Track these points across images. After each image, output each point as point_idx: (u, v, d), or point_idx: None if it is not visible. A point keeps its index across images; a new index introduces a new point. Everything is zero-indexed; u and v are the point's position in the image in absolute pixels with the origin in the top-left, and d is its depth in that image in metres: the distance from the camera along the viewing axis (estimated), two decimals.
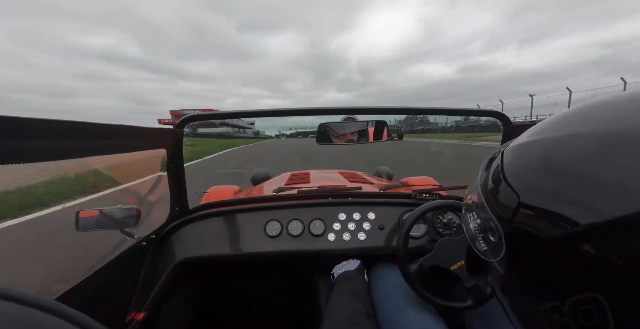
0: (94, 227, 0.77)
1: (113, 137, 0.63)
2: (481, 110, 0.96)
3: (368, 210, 0.99)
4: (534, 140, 0.35)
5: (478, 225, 0.39)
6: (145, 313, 0.78)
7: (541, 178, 0.30)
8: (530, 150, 0.34)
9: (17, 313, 0.15)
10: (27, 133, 0.42)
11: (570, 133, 0.31)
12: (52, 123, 0.45)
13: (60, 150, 0.50)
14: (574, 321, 0.25)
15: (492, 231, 0.35)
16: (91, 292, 0.66)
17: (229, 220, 0.98)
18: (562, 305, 0.26)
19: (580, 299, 0.25)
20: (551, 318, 0.28)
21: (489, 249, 0.37)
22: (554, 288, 0.28)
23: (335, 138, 1.14)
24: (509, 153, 0.37)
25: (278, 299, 1.35)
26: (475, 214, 0.40)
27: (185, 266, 0.86)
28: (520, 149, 0.36)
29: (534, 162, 0.32)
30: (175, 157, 0.89)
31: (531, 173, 0.32)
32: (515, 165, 0.35)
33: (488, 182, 0.38)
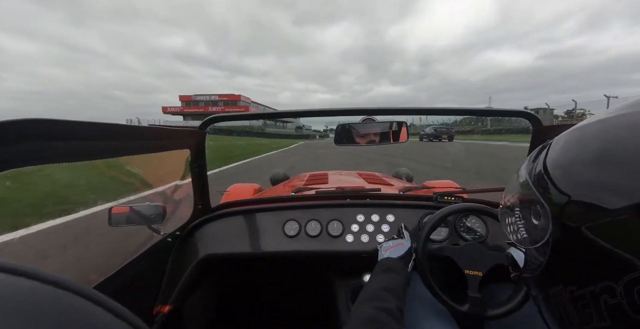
0: (124, 222, 0.82)
1: (140, 138, 0.66)
2: (509, 111, 0.92)
3: (387, 212, 0.98)
4: (604, 118, 0.33)
5: (519, 212, 0.39)
6: (170, 306, 0.82)
7: (608, 159, 0.29)
8: (602, 129, 0.32)
9: (57, 296, 0.16)
10: (61, 135, 0.45)
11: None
12: (83, 125, 0.48)
13: (90, 151, 0.53)
14: (629, 301, 0.24)
15: (536, 215, 0.35)
16: (120, 285, 0.70)
17: (249, 218, 1.00)
18: (616, 285, 0.25)
19: (639, 277, 0.23)
20: (599, 301, 0.27)
21: (529, 236, 0.37)
22: (606, 268, 0.27)
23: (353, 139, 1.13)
24: (572, 132, 0.36)
25: (295, 298, 1.36)
26: (518, 201, 0.40)
27: (207, 262, 0.90)
28: (590, 127, 0.34)
29: (602, 142, 0.31)
30: (199, 157, 0.93)
31: (596, 153, 0.30)
32: (576, 144, 0.34)
33: (539, 164, 0.37)
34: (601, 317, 0.27)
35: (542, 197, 0.34)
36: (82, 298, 0.17)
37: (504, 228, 0.45)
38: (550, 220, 0.32)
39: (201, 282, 1.01)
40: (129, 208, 0.83)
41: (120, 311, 0.19)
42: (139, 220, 0.83)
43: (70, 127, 0.45)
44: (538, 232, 0.35)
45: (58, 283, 0.17)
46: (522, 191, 0.39)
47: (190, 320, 0.96)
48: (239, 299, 1.35)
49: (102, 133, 0.53)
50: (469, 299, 0.66)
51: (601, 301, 0.27)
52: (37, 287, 0.16)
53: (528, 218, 0.37)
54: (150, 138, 0.70)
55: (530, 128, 0.87)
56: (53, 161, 0.45)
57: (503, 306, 0.64)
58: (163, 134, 0.73)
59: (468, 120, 39.50)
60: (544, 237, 0.33)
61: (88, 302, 0.17)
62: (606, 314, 0.26)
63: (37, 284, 0.16)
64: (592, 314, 0.28)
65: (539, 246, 0.34)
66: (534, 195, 0.36)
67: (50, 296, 0.16)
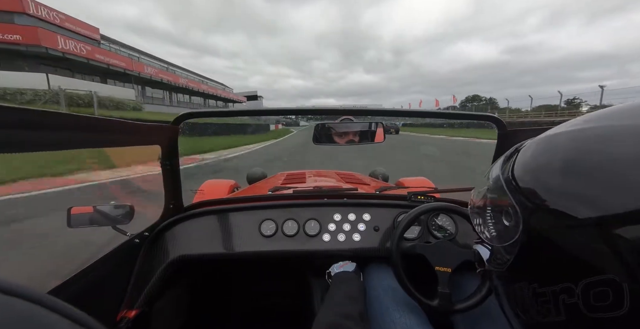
0: (87, 223, 0.77)
1: (108, 131, 0.63)
2: (476, 114, 0.97)
3: (363, 211, 0.99)
4: (574, 129, 0.35)
5: (490, 211, 0.41)
6: (137, 310, 0.78)
7: (575, 167, 0.31)
8: (571, 137, 0.34)
9: (6, 303, 0.15)
10: (28, 124, 0.43)
11: (614, 125, 0.31)
12: (49, 115, 0.45)
13: (56, 141, 0.51)
14: (584, 301, 0.27)
15: (507, 216, 0.37)
16: (82, 289, 0.65)
17: (224, 218, 0.98)
18: (575, 286, 0.27)
19: (596, 281, 0.26)
20: (558, 300, 0.29)
21: (498, 235, 0.39)
22: (568, 270, 0.29)
23: (332, 138, 1.14)
24: (544, 139, 0.38)
25: (272, 299, 1.35)
26: (490, 201, 0.42)
27: (178, 264, 0.86)
28: (561, 136, 0.36)
29: (571, 149, 0.32)
30: (170, 153, 0.89)
31: (564, 160, 0.32)
32: (550, 151, 0.35)
33: (511, 167, 0.39)
34: (558, 313, 0.30)
35: (514, 200, 0.36)
36: (35, 304, 0.16)
37: (474, 225, 0.46)
38: (521, 223, 0.34)
39: (171, 285, 0.97)
40: (92, 208, 0.78)
41: (79, 318, 0.17)
42: (103, 220, 0.78)
43: (22, 114, 0.41)
44: (508, 232, 0.36)
45: (5, 289, 0.15)
46: (495, 193, 0.40)
47: (159, 324, 0.91)
48: (212, 301, 1.31)
49: (64, 124, 0.50)
50: (439, 294, 0.69)
51: (560, 299, 0.29)
52: None
53: (499, 218, 0.39)
54: (118, 132, 0.66)
55: (496, 132, 0.93)
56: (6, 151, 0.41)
57: (469, 300, 0.68)
58: (132, 128, 0.69)
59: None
60: (512, 237, 0.35)
61: (42, 308, 0.16)
62: (563, 311, 0.29)
63: None
64: (550, 309, 0.30)
65: (507, 245, 0.36)
66: (506, 197, 0.37)
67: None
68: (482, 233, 0.43)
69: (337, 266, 0.88)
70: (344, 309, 0.65)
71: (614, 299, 0.25)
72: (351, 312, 0.64)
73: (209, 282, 1.30)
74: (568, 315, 0.29)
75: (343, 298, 0.70)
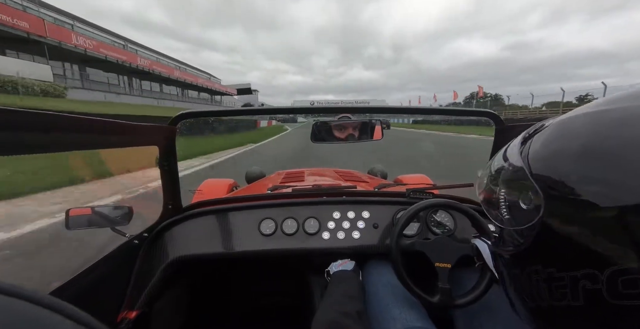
0: (85, 225, 0.76)
1: (105, 132, 0.62)
2: (474, 110, 0.97)
3: (362, 208, 1.00)
4: (602, 109, 0.33)
5: (504, 194, 0.39)
6: (137, 311, 0.78)
7: (608, 148, 0.29)
8: (605, 116, 0.32)
9: (8, 305, 0.15)
10: (22, 126, 0.42)
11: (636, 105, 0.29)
12: (43, 116, 0.45)
13: (53, 143, 0.50)
14: (609, 288, 0.26)
15: (525, 199, 0.35)
16: (82, 290, 0.65)
17: (223, 218, 0.98)
18: (601, 273, 0.27)
19: (627, 269, 0.25)
20: (578, 285, 0.29)
21: (512, 217, 0.38)
22: (594, 256, 0.28)
23: (329, 136, 1.14)
24: (571, 119, 0.36)
25: (271, 298, 1.35)
26: (504, 183, 0.40)
27: (178, 264, 0.86)
28: (591, 115, 0.34)
29: (601, 130, 0.31)
30: (168, 154, 0.88)
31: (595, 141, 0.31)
32: (578, 132, 0.33)
33: (531, 148, 0.38)
34: (575, 298, 0.29)
35: (536, 184, 0.34)
36: (36, 305, 0.16)
37: (485, 207, 0.45)
38: (542, 207, 0.33)
39: (171, 285, 0.97)
40: (91, 209, 0.78)
41: (81, 318, 0.17)
42: (102, 222, 0.78)
43: (16, 116, 0.41)
44: (524, 216, 0.35)
45: (6, 290, 0.15)
46: (514, 175, 0.39)
47: (159, 325, 0.91)
48: (212, 301, 1.31)
49: (59, 125, 0.49)
50: (439, 290, 0.70)
51: (580, 284, 0.29)
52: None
53: (516, 201, 0.37)
54: (114, 133, 0.66)
55: (494, 127, 0.93)
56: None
57: (469, 295, 0.68)
58: (129, 129, 0.69)
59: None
60: (530, 221, 0.34)
61: (43, 309, 0.16)
62: (582, 296, 0.29)
63: None
64: (566, 294, 0.30)
65: (524, 229, 0.35)
66: (528, 181, 0.36)
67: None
68: (494, 215, 0.42)
69: (336, 265, 0.88)
70: (342, 308, 0.65)
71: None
72: (350, 310, 0.65)
73: (208, 282, 1.30)
74: (587, 301, 0.28)
75: (342, 296, 0.71)
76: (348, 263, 0.88)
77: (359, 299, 0.73)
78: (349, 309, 0.65)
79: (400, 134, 20.43)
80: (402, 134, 20.50)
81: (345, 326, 0.60)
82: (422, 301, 0.71)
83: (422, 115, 41.94)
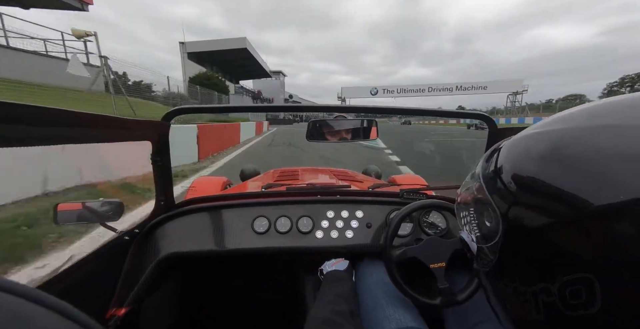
0: (74, 220, 0.75)
1: (97, 126, 0.61)
2: (467, 112, 0.98)
3: (356, 208, 1.00)
4: (548, 130, 0.35)
5: (474, 212, 0.41)
6: (126, 308, 0.77)
7: (548, 166, 0.31)
8: (544, 138, 0.35)
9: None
10: (11, 119, 0.42)
11: (593, 125, 0.31)
12: (35, 109, 0.44)
13: (43, 137, 0.50)
14: (561, 300, 0.28)
15: (488, 217, 0.37)
16: (70, 286, 0.64)
17: (216, 215, 0.97)
18: (552, 285, 0.28)
19: (571, 280, 0.27)
20: (537, 299, 0.30)
21: (482, 235, 0.39)
22: (545, 270, 0.30)
23: (325, 136, 1.14)
24: (519, 139, 0.39)
25: (264, 296, 1.35)
26: (472, 201, 0.42)
27: (169, 261, 0.85)
28: (534, 137, 0.37)
29: (544, 149, 0.33)
30: (161, 149, 0.87)
31: (537, 160, 0.33)
32: (524, 151, 0.36)
33: (490, 168, 0.40)
34: (538, 312, 0.30)
35: (492, 200, 0.36)
36: (20, 297, 0.15)
37: (459, 223, 0.47)
38: (500, 223, 0.35)
39: (162, 282, 0.96)
40: (81, 204, 0.76)
41: (67, 311, 0.17)
42: (92, 217, 0.77)
43: (5, 108, 0.40)
44: (490, 233, 0.37)
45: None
46: (476, 192, 0.41)
47: (149, 323, 0.90)
48: (205, 298, 1.30)
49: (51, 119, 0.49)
50: (440, 291, 0.69)
51: (539, 298, 0.30)
52: None
53: (481, 218, 0.39)
54: (107, 127, 0.64)
55: (487, 130, 0.94)
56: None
57: (467, 290, 0.68)
58: (121, 124, 0.68)
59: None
60: (494, 238, 0.36)
61: (27, 302, 0.15)
62: (542, 310, 0.30)
63: None
64: (530, 308, 0.31)
65: (490, 246, 0.37)
66: (486, 197, 0.38)
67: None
68: (468, 232, 0.43)
69: (330, 264, 0.88)
70: (336, 307, 0.66)
71: (587, 297, 0.26)
72: (343, 310, 0.65)
73: (200, 279, 1.29)
74: (547, 314, 0.30)
75: (335, 296, 0.71)
76: (342, 262, 0.88)
77: (352, 299, 0.74)
78: (342, 308, 0.66)
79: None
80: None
81: (339, 324, 0.60)
82: (425, 306, 0.71)
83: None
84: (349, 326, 0.61)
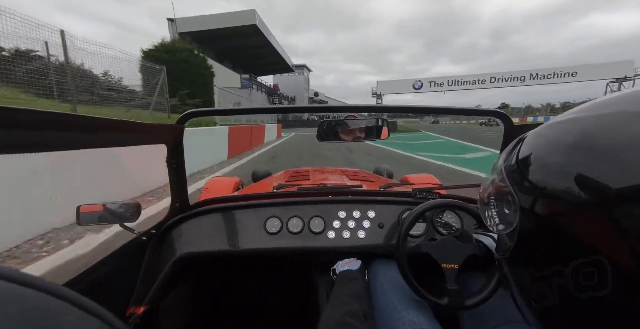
0: (95, 221, 0.78)
1: (115, 130, 0.63)
2: (483, 110, 0.96)
3: (368, 208, 0.99)
4: (572, 117, 0.36)
5: (494, 200, 0.43)
6: (145, 307, 0.79)
7: (574, 151, 0.32)
8: (573, 125, 0.35)
9: (15, 292, 0.15)
10: (32, 124, 0.43)
11: (621, 111, 0.31)
12: (54, 115, 0.46)
13: (63, 142, 0.52)
14: (574, 282, 0.28)
15: (508, 204, 0.39)
16: (91, 285, 0.67)
17: (229, 216, 0.98)
18: (565, 268, 0.29)
19: (584, 263, 0.27)
20: (551, 282, 0.31)
21: (501, 223, 0.41)
22: (558, 254, 0.31)
23: (336, 135, 1.14)
24: (546, 127, 0.40)
25: (277, 296, 1.36)
26: (494, 191, 0.44)
27: (185, 261, 0.87)
28: (564, 124, 0.37)
29: (572, 135, 0.33)
30: (176, 152, 0.89)
31: (564, 146, 0.33)
32: (552, 138, 0.37)
33: (512, 157, 0.41)
34: (552, 296, 0.31)
35: (512, 188, 0.38)
36: (48, 294, 0.16)
37: (482, 214, 0.48)
38: (518, 210, 0.36)
39: (178, 282, 0.99)
40: (102, 206, 0.79)
41: (92, 308, 0.17)
42: (112, 218, 0.79)
43: (28, 115, 0.42)
44: (508, 220, 0.38)
45: (18, 280, 0.15)
46: (498, 182, 0.43)
47: (166, 321, 0.93)
48: (219, 298, 1.33)
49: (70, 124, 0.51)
50: (448, 292, 0.69)
51: (553, 282, 0.31)
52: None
53: (501, 207, 0.41)
54: (123, 131, 0.67)
55: (502, 127, 0.92)
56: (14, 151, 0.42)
57: (479, 295, 0.67)
58: (137, 128, 0.70)
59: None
60: (512, 225, 0.37)
61: (54, 298, 0.16)
62: (556, 293, 0.31)
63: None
64: (547, 292, 0.32)
65: (509, 233, 0.38)
66: (506, 186, 0.39)
67: (9, 293, 0.15)
68: (489, 223, 0.45)
69: (342, 264, 0.88)
70: (349, 308, 0.65)
71: (599, 279, 0.26)
72: (356, 310, 0.65)
73: (214, 279, 1.31)
74: (560, 296, 0.30)
75: (348, 297, 0.71)
76: (354, 262, 0.87)
77: (365, 298, 0.73)
78: (356, 309, 0.65)
79: None
80: None
81: (352, 325, 0.60)
82: (431, 304, 0.70)
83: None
84: (361, 326, 0.60)
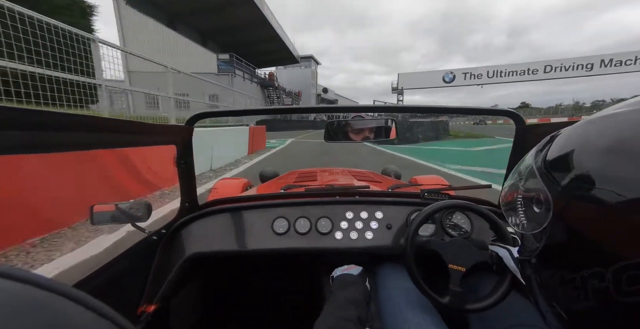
0: (108, 221, 0.79)
1: (126, 132, 0.65)
2: (494, 110, 0.94)
3: (376, 209, 0.98)
4: (614, 113, 0.34)
5: (521, 198, 0.41)
6: (156, 305, 0.81)
7: (612, 152, 0.30)
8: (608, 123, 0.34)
9: (33, 295, 0.15)
10: (45, 125, 0.45)
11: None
12: (66, 116, 0.47)
13: (76, 143, 0.53)
14: (615, 285, 0.27)
15: (538, 203, 0.37)
16: (102, 284, 0.68)
17: (237, 216, 0.99)
18: (606, 271, 0.27)
19: (627, 266, 0.26)
20: (587, 285, 0.29)
21: (528, 222, 0.39)
22: (596, 256, 0.29)
23: (343, 136, 1.13)
24: (580, 126, 0.38)
25: (284, 296, 1.36)
26: (522, 188, 0.42)
27: (194, 261, 0.88)
28: (590, 124, 0.36)
29: (608, 135, 0.32)
30: (185, 153, 0.91)
31: (601, 145, 0.32)
32: (591, 136, 0.35)
33: (543, 155, 0.40)
34: (587, 298, 0.29)
35: (545, 187, 0.36)
36: (59, 295, 0.16)
37: (505, 212, 0.46)
38: (551, 209, 0.34)
39: (188, 281, 1.00)
40: (114, 205, 0.80)
41: (102, 310, 0.17)
42: (124, 218, 0.81)
43: (41, 117, 0.44)
44: (538, 219, 0.37)
45: (30, 280, 0.16)
46: (527, 181, 0.41)
47: (176, 319, 0.94)
48: (227, 297, 1.34)
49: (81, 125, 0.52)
50: (450, 292, 0.68)
51: (589, 284, 0.29)
52: (5, 285, 0.15)
53: (530, 205, 0.39)
54: (134, 133, 0.68)
55: (514, 126, 0.90)
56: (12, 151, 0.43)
57: (483, 301, 0.66)
58: (148, 129, 0.71)
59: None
60: (542, 224, 0.35)
61: (66, 300, 0.16)
62: (592, 296, 0.29)
63: (6, 283, 0.15)
64: (579, 296, 0.30)
65: (537, 233, 0.37)
66: (538, 184, 0.37)
67: (20, 294, 0.15)
68: (513, 221, 0.43)
69: (341, 270, 0.86)
70: (344, 313, 0.64)
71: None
72: (351, 316, 0.63)
73: (222, 279, 1.32)
74: (598, 300, 0.29)
75: (345, 301, 0.69)
76: (354, 268, 0.85)
77: (362, 304, 0.70)
78: (351, 314, 0.63)
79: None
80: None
81: None
82: (432, 301, 0.69)
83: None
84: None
